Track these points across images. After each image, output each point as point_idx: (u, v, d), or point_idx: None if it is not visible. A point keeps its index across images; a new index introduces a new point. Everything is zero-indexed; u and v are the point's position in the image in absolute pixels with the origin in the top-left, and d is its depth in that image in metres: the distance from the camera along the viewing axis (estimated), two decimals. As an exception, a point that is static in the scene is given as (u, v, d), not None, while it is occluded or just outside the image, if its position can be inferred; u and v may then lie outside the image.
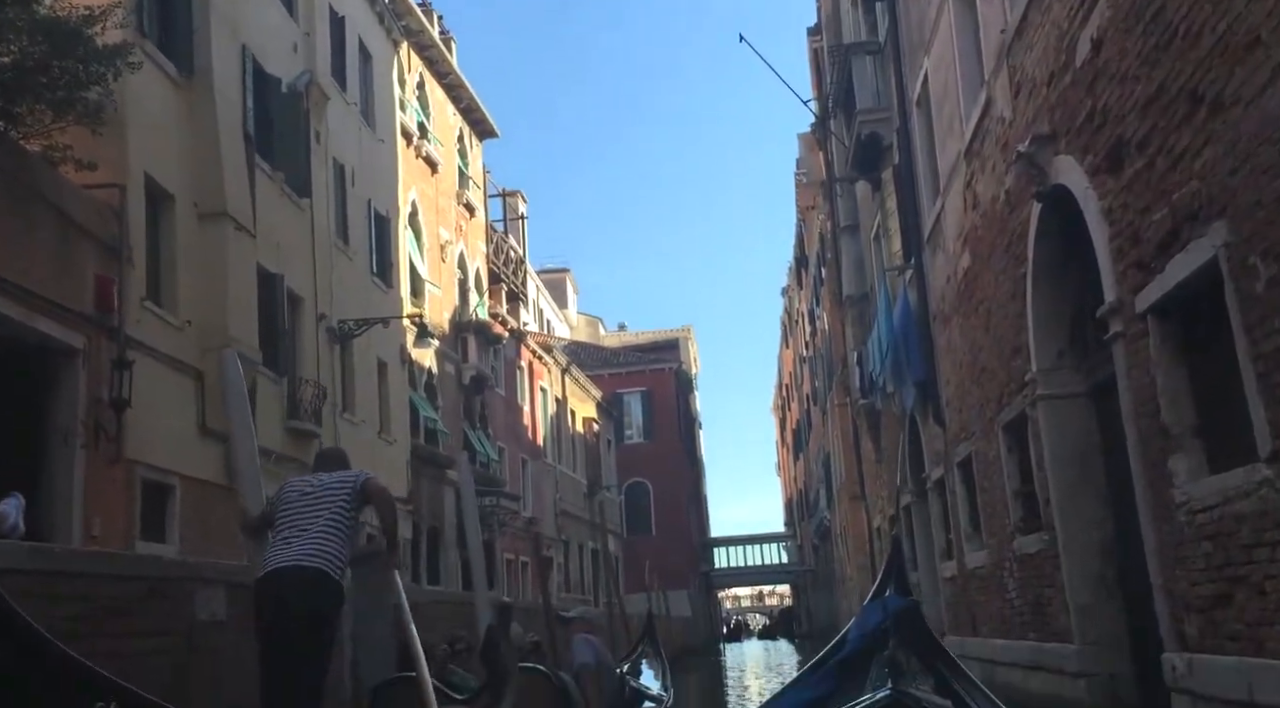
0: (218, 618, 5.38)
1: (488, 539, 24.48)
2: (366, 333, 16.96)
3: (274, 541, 5.01)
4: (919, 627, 3.38)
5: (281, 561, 4.85)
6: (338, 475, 5.33)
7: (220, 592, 5.47)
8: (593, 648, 7.04)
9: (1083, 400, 8.12)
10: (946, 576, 13.28)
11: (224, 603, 5.47)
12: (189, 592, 5.20)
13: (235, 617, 5.50)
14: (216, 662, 5.33)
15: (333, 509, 5.07)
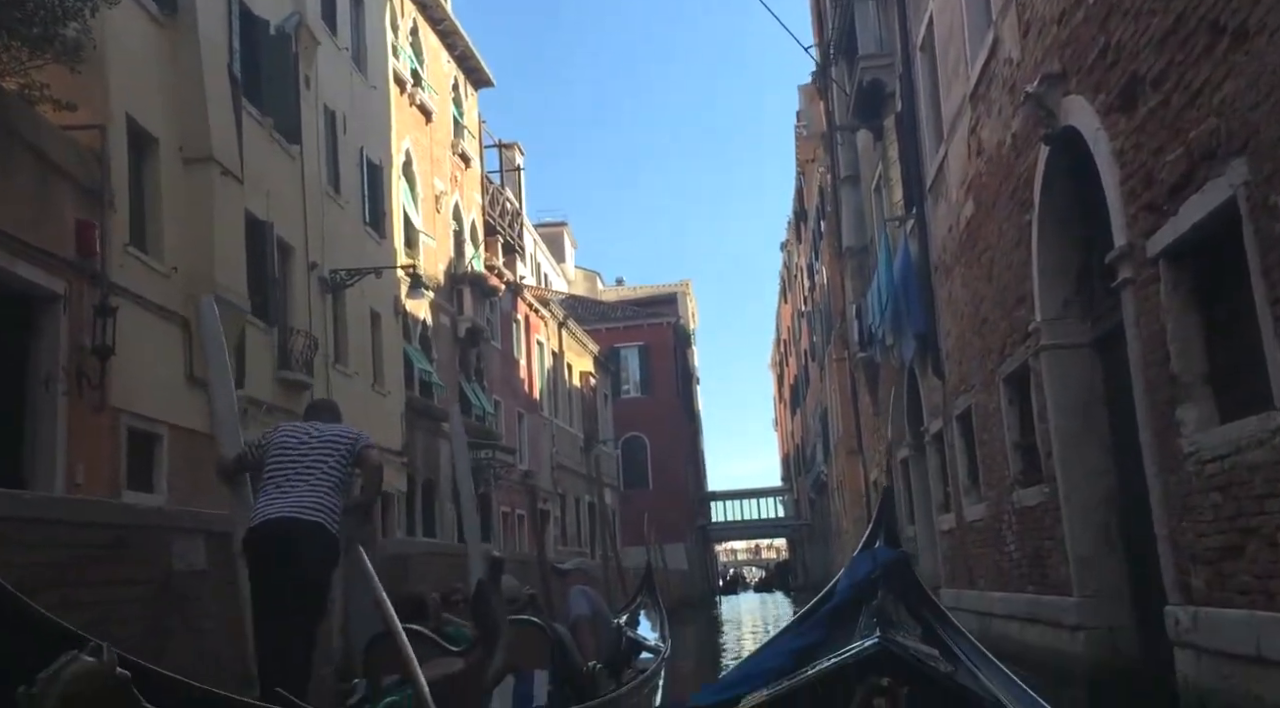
0: (197, 568, 5.23)
1: (483, 492, 24.41)
2: (359, 284, 16.72)
3: (265, 487, 4.89)
4: (908, 577, 3.49)
5: (279, 511, 4.74)
6: (335, 430, 5.21)
7: (199, 541, 5.31)
8: (588, 600, 6.79)
9: (1087, 351, 7.94)
10: (944, 529, 13.19)
11: (203, 553, 5.31)
12: (165, 541, 5.04)
13: (216, 567, 5.35)
14: (195, 612, 5.18)
15: (330, 463, 4.95)
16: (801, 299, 42.55)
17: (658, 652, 8.32)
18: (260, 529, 4.78)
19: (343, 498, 5.00)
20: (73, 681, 1.48)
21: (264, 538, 4.74)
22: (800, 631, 3.15)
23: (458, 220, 24.61)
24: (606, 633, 6.86)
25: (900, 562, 3.46)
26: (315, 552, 4.76)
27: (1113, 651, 7.56)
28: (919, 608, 3.34)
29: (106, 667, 1.52)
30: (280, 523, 4.72)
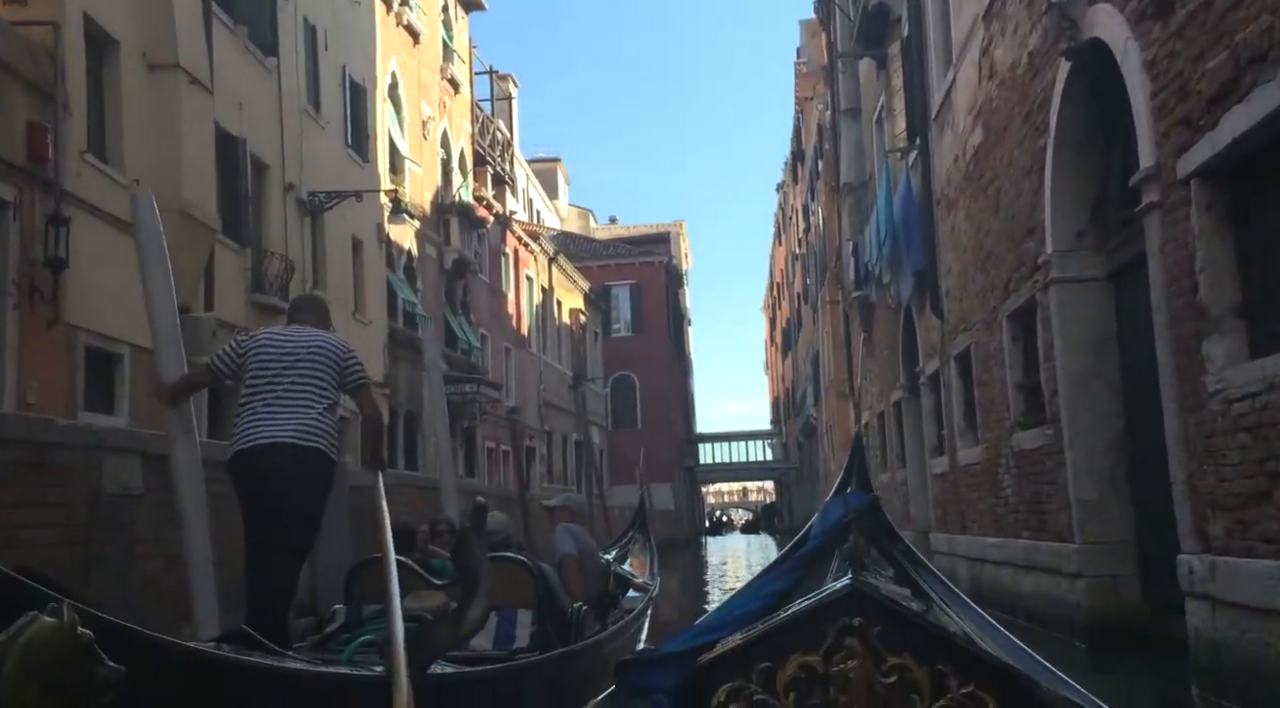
0: (131, 491, 4.78)
1: (468, 428, 24.05)
2: (341, 208, 16.13)
3: (251, 403, 4.50)
4: (880, 521, 3.47)
5: (269, 436, 4.36)
6: (320, 339, 4.70)
7: (135, 462, 4.87)
8: (574, 537, 6.40)
9: (1100, 285, 7.47)
10: (936, 472, 12.83)
11: (139, 475, 4.87)
12: (94, 461, 4.59)
13: (154, 490, 4.90)
14: (130, 539, 4.74)
15: (319, 380, 4.54)
16: (796, 241, 42.01)
17: (646, 589, 7.97)
18: (249, 455, 4.40)
19: (334, 416, 4.59)
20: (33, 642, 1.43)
21: (252, 466, 4.39)
22: (775, 576, 3.19)
23: (445, 148, 23.90)
24: (594, 572, 6.54)
25: (872, 506, 3.44)
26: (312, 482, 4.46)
27: (1114, 600, 7.20)
28: (891, 550, 3.39)
29: (67, 627, 1.45)
30: (272, 450, 4.35)
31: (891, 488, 16.50)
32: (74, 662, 1.49)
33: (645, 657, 2.85)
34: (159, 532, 4.88)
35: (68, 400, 8.87)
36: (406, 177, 20.79)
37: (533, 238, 31.53)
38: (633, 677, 2.71)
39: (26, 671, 1.44)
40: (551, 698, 4.76)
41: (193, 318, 11.14)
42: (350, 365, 4.68)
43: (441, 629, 3.98)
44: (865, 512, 3.29)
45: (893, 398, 15.98)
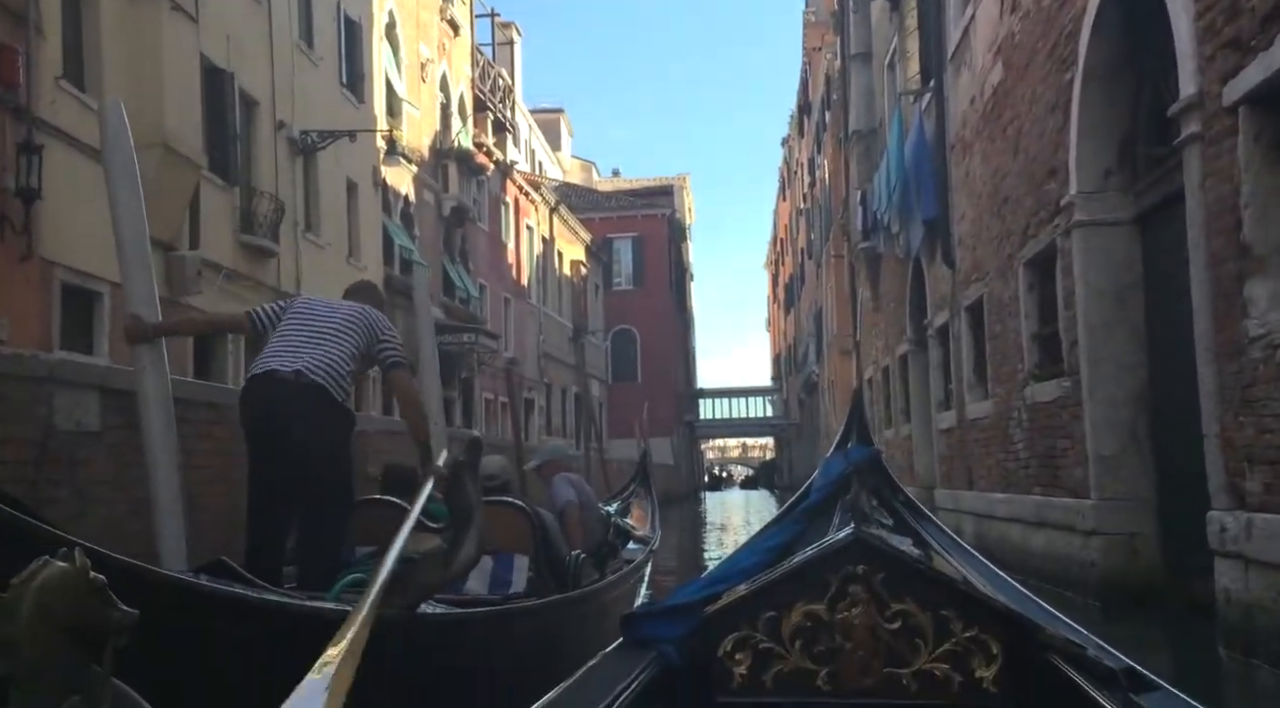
0: (88, 428, 4.43)
1: (466, 378, 23.74)
2: (335, 150, 15.66)
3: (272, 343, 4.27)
4: (880, 473, 3.56)
5: (279, 363, 4.08)
6: (361, 308, 4.43)
7: (92, 398, 4.50)
8: (572, 486, 6.17)
9: (1127, 228, 7.07)
10: (943, 427, 12.50)
11: (96, 411, 4.51)
12: (44, 395, 4.23)
13: (114, 428, 4.54)
14: (88, 479, 4.40)
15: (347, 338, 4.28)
16: (801, 196, 41.50)
17: (647, 541, 7.72)
18: (255, 383, 4.12)
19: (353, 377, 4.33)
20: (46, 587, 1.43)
21: (257, 396, 4.10)
22: (778, 530, 3.24)
23: (445, 92, 23.32)
24: (593, 521, 6.33)
25: (873, 459, 3.52)
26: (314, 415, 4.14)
27: (1132, 560, 6.89)
28: (892, 502, 3.45)
29: (80, 572, 1.46)
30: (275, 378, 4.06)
31: (895, 444, 16.19)
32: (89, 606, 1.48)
33: (650, 609, 2.82)
34: (120, 473, 4.52)
35: (42, 337, 8.50)
36: (404, 119, 20.27)
37: (534, 187, 30.99)
38: (638, 629, 2.70)
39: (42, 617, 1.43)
40: (546, 644, 4.50)
41: (177, 256, 10.77)
42: (385, 338, 4.40)
43: (431, 568, 3.62)
44: (866, 465, 3.35)
45: (899, 352, 15.61)
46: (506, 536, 4.71)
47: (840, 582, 2.51)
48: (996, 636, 2.43)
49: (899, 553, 2.59)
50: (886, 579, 2.49)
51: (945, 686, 2.44)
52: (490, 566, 4.62)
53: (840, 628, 2.50)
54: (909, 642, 2.46)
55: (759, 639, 2.55)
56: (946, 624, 2.45)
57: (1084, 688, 2.15)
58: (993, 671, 2.41)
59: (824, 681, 2.51)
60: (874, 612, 2.49)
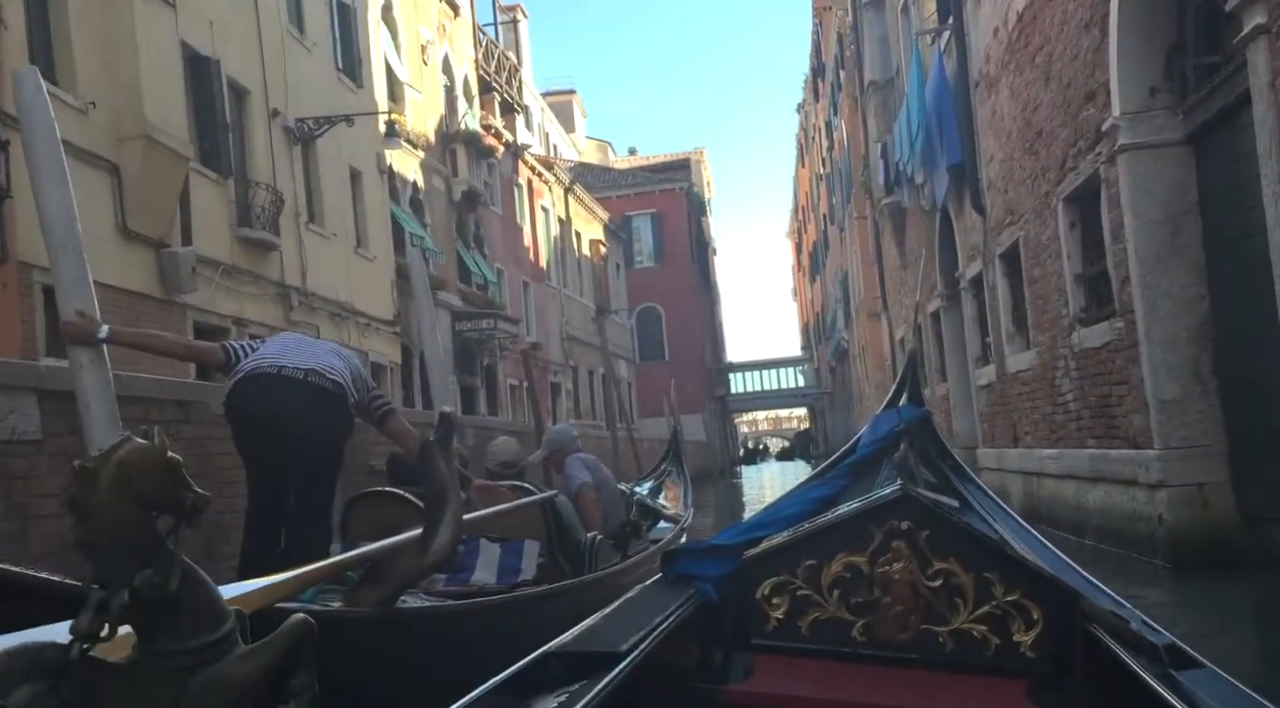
0: (26, 436, 3.95)
1: (488, 364, 23.30)
2: (335, 137, 15.18)
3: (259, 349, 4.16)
4: (929, 433, 3.54)
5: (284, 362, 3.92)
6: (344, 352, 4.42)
7: (30, 402, 4.03)
8: (586, 467, 5.84)
9: (1178, 150, 6.42)
10: (981, 383, 11.87)
11: (36, 416, 4.03)
12: (-28, 398, 3.75)
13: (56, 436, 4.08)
14: (29, 491, 3.93)
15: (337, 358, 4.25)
16: (819, 161, 40.80)
17: (678, 521, 7.27)
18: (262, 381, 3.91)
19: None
20: (128, 461, 1.50)
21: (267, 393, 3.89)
22: (822, 482, 3.22)
23: (448, 75, 22.78)
24: (610, 502, 5.95)
25: (924, 419, 3.53)
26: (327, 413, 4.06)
27: (1202, 512, 6.28)
28: (939, 464, 3.40)
29: (159, 450, 1.53)
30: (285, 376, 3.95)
31: (933, 404, 15.55)
32: (164, 484, 1.52)
33: (692, 548, 2.81)
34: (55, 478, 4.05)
35: (26, 345, 8.09)
36: (407, 104, 19.76)
37: (546, 167, 30.41)
38: (678, 565, 2.70)
39: (119, 488, 1.48)
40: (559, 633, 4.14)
41: (170, 253, 10.34)
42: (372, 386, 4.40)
43: (405, 559, 3.28)
44: (916, 424, 3.32)
45: (930, 308, 14.96)
46: (517, 522, 4.48)
47: (884, 536, 2.49)
48: (1038, 602, 2.38)
49: (945, 512, 2.55)
50: (931, 537, 2.46)
51: (983, 647, 2.40)
52: (498, 554, 4.40)
53: (880, 581, 2.48)
54: (949, 601, 2.44)
55: (797, 586, 2.54)
56: (988, 586, 2.41)
57: (1125, 661, 2.07)
58: (1032, 636, 2.37)
59: (860, 632, 2.48)
60: (915, 568, 2.46)
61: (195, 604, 1.61)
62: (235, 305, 11.85)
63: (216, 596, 1.66)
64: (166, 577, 1.51)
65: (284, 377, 3.93)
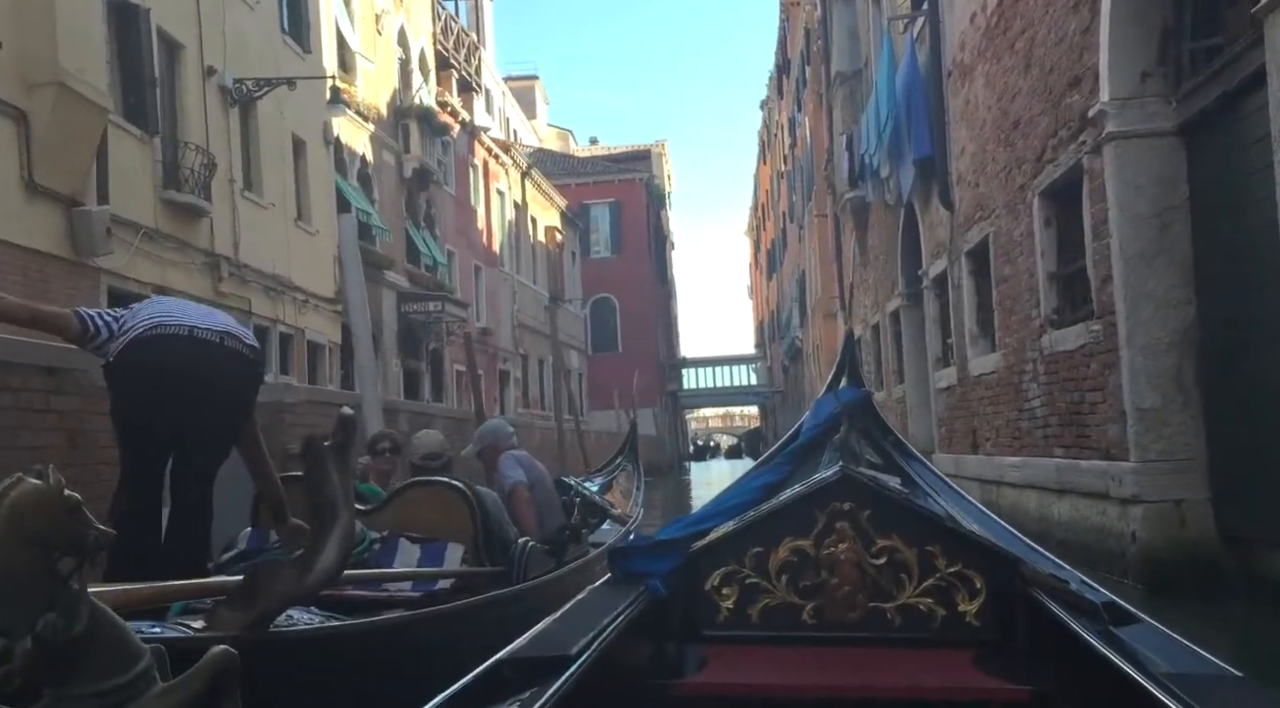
0: None
1: (435, 349, 22.58)
2: (278, 103, 14.40)
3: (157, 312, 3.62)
4: (870, 413, 3.48)
5: (198, 323, 3.56)
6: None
7: None
8: (520, 465, 5.38)
9: (1169, 140, 5.98)
10: (941, 386, 11.45)
11: None
12: None
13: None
14: None
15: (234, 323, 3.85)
16: (781, 158, 40.46)
17: (624, 521, 6.77)
18: (165, 338, 3.45)
19: None
20: (20, 503, 1.43)
21: (175, 351, 3.45)
22: (767, 469, 3.18)
23: (403, 47, 22.00)
24: (547, 502, 5.46)
25: (864, 399, 3.51)
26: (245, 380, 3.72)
27: (1179, 530, 5.85)
28: (881, 442, 3.36)
29: (54, 489, 1.45)
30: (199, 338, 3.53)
31: (888, 407, 15.13)
32: (62, 523, 1.45)
33: (638, 544, 2.81)
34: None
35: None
36: (358, 74, 19.00)
37: (504, 150, 29.67)
38: (626, 562, 2.70)
39: (13, 532, 1.42)
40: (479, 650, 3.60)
41: (82, 212, 9.58)
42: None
43: (283, 578, 2.88)
44: (856, 405, 3.33)
45: (889, 307, 14.53)
46: (440, 520, 4.11)
47: (827, 518, 2.51)
48: (980, 571, 2.41)
49: (886, 490, 2.57)
50: (873, 516, 2.49)
51: (929, 620, 2.43)
52: (417, 556, 4.02)
53: (826, 563, 2.50)
54: (894, 577, 2.46)
55: (746, 574, 2.55)
56: (931, 560, 2.44)
57: (1065, 622, 2.11)
58: (975, 605, 2.40)
59: (810, 614, 2.50)
60: (860, 548, 2.48)
61: (106, 644, 1.53)
62: (157, 273, 11.07)
63: (128, 633, 1.57)
64: (72, 619, 1.46)
65: (198, 339, 3.51)
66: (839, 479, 2.54)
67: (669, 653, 2.56)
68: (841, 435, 3.03)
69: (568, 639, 2.12)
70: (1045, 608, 2.25)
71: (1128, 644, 1.91)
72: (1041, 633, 2.29)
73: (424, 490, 4.30)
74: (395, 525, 4.11)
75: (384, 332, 19.93)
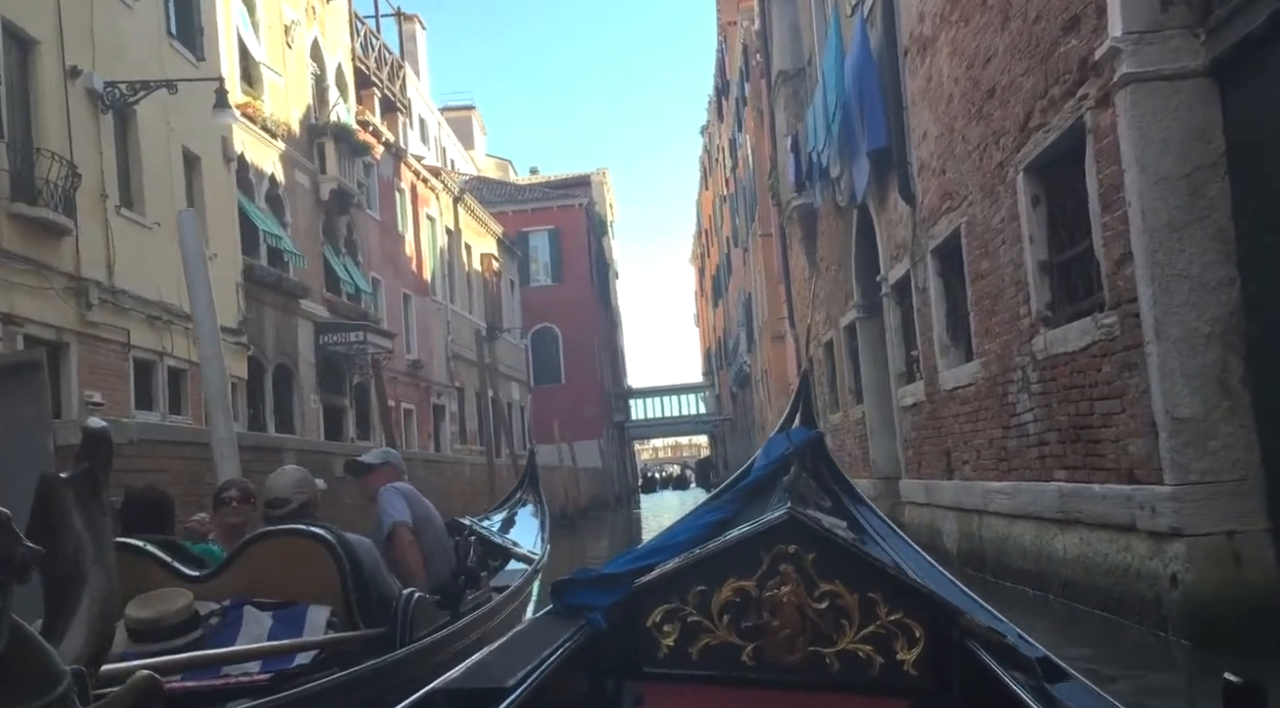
0: None
1: (359, 382, 21.02)
2: (163, 112, 12.93)
3: None
4: (821, 456, 3.50)
5: None
6: None
7: None
8: (404, 500, 4.52)
9: (1199, 83, 4.81)
10: (906, 404, 10.24)
11: None
12: None
13: None
14: None
15: None
16: (723, 182, 39.76)
17: (530, 561, 5.95)
18: None
19: None
20: None
21: None
22: (715, 506, 3.21)
23: (318, 62, 20.60)
24: (437, 545, 4.59)
25: (815, 441, 3.49)
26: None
27: (1234, 570, 4.62)
28: (831, 485, 3.39)
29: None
30: None
31: (846, 430, 13.93)
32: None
33: (582, 577, 2.74)
34: None
35: None
36: (265, 87, 17.57)
37: (434, 174, 28.27)
38: (568, 596, 2.68)
39: None
40: None
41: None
42: None
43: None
44: (808, 447, 3.36)
45: (844, 322, 13.34)
46: (299, 579, 3.44)
47: (772, 559, 2.51)
48: (920, 620, 2.40)
49: (831, 534, 2.55)
50: (818, 559, 2.49)
51: (867, 666, 2.42)
52: (269, 626, 3.34)
53: (769, 605, 2.49)
54: (835, 622, 2.46)
55: (688, 612, 2.55)
56: (872, 607, 2.44)
57: (999, 675, 2.11)
58: (914, 654, 2.40)
59: (749, 656, 2.50)
60: (803, 591, 2.48)
61: (26, 666, 1.48)
62: (2, 299, 9.54)
63: (50, 654, 1.53)
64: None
65: None
66: (785, 521, 2.52)
67: (607, 689, 2.55)
68: (791, 477, 3.05)
69: (504, 671, 2.14)
70: (981, 661, 2.24)
71: (1059, 701, 1.92)
72: (977, 686, 2.27)
73: (274, 544, 3.51)
74: (242, 591, 3.40)
75: (300, 365, 18.38)
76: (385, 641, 3.50)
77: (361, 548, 3.68)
